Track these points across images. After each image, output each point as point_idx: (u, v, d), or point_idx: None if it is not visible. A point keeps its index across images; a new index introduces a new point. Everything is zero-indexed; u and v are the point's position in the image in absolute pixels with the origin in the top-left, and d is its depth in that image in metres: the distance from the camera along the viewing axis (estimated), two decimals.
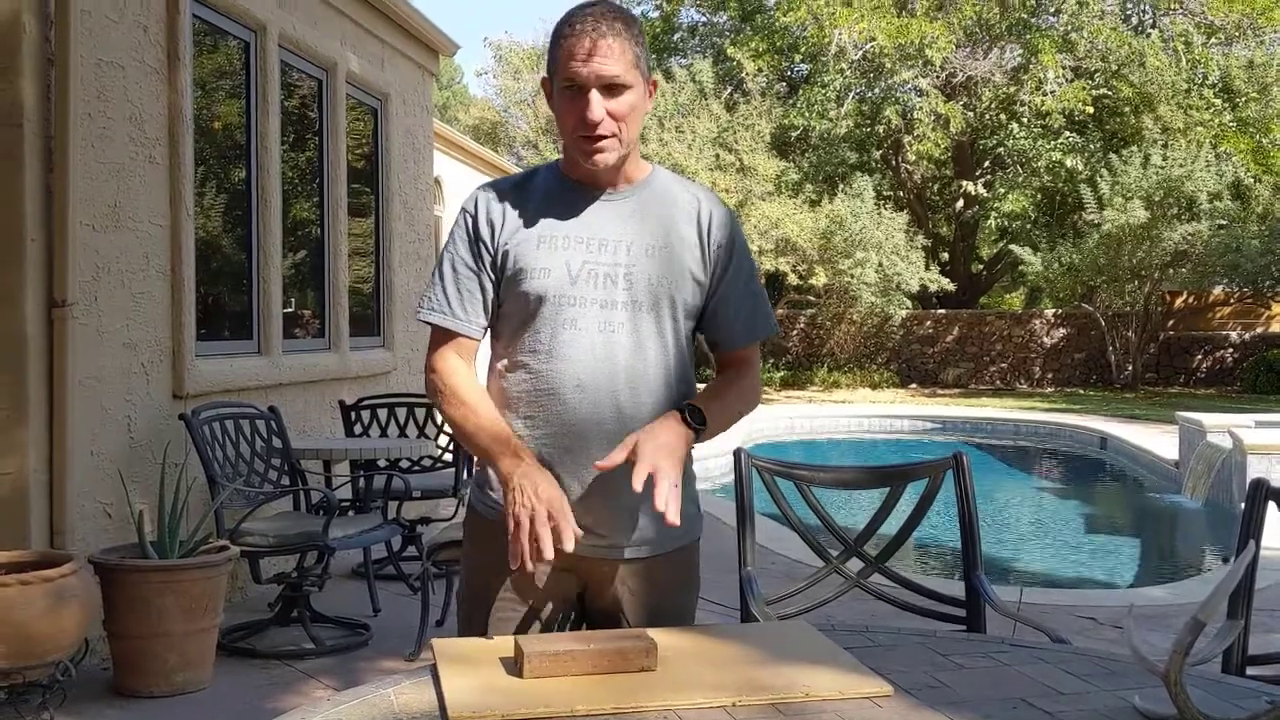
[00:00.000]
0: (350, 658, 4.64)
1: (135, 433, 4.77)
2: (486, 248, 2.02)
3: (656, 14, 27.05)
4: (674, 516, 1.79)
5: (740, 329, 2.10)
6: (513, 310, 2.02)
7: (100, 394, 4.53)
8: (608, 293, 1.97)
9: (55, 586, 3.57)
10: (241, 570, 5.13)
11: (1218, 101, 21.20)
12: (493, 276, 2.03)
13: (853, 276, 19.26)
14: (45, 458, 4.21)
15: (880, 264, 19.38)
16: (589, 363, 1.95)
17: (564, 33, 1.92)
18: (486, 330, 2.09)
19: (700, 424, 1.94)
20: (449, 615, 5.03)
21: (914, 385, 22.32)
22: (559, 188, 2.05)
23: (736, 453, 2.90)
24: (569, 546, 1.82)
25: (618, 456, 1.84)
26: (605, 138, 1.92)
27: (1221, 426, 9.35)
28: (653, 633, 1.76)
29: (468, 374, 2.06)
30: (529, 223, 2.01)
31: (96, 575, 3.97)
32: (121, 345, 4.68)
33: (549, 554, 1.81)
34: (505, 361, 2.04)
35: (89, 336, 4.44)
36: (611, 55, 1.89)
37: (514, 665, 1.66)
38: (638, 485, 1.79)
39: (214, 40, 5.68)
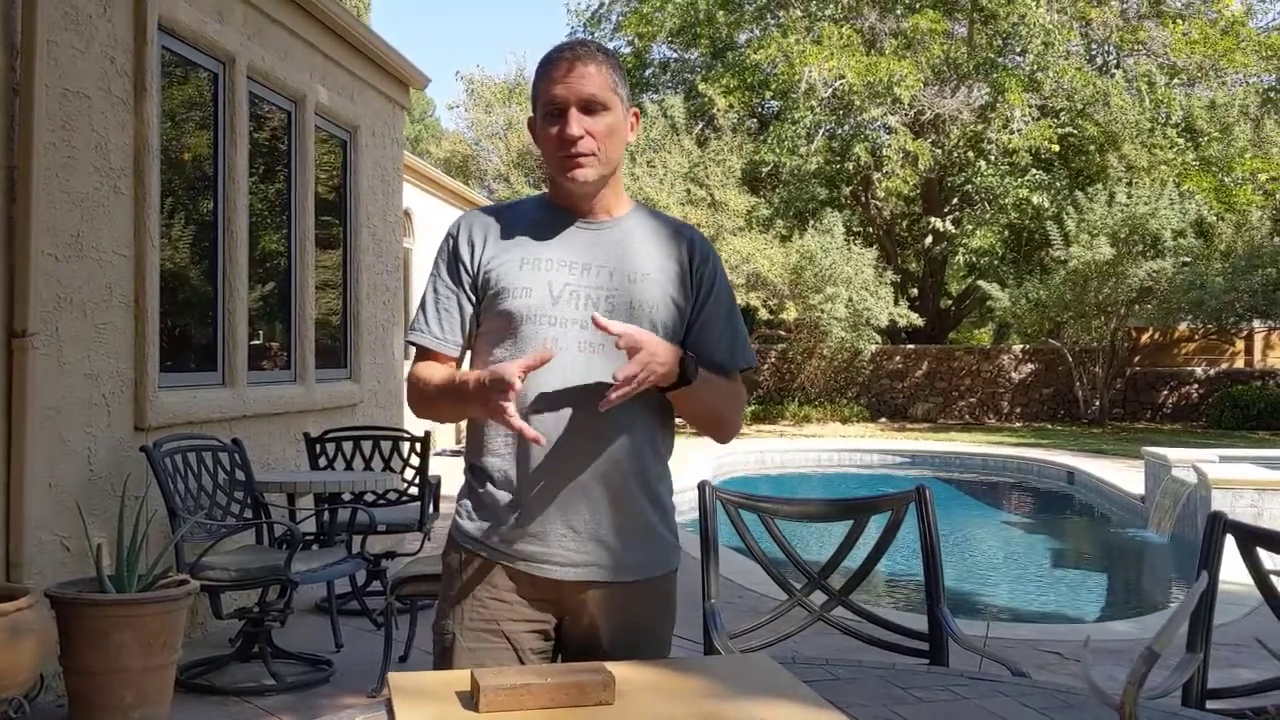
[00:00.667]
0: (311, 694, 4.57)
1: (95, 465, 4.71)
2: (466, 268, 2.06)
3: (629, 50, 27.26)
4: (614, 397, 1.85)
5: (722, 353, 2.10)
6: (494, 329, 2.04)
7: (60, 425, 4.48)
8: (588, 314, 1.98)
9: (10, 621, 3.51)
10: (202, 605, 5.06)
11: (1181, 141, 21.53)
12: (472, 297, 2.07)
13: (823, 311, 19.36)
14: (2, 489, 4.14)
15: (850, 299, 19.49)
16: (569, 381, 1.96)
17: (543, 65, 2.03)
18: (464, 350, 2.11)
19: (693, 373, 1.97)
20: (413, 651, 4.98)
21: (884, 419, 22.40)
22: (543, 214, 2.09)
23: (701, 485, 2.90)
24: (546, 355, 1.86)
25: (615, 327, 1.87)
26: (585, 155, 1.98)
27: (1186, 461, 9.42)
28: (612, 666, 1.74)
29: (433, 365, 2.09)
30: (511, 245, 2.05)
31: (53, 609, 3.90)
32: (83, 376, 4.63)
33: (517, 384, 1.83)
34: None
35: (50, 367, 4.39)
36: (588, 77, 1.98)
37: (470, 699, 1.64)
38: (619, 339, 1.85)
39: (182, 71, 5.67)
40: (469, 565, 2.05)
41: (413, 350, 2.14)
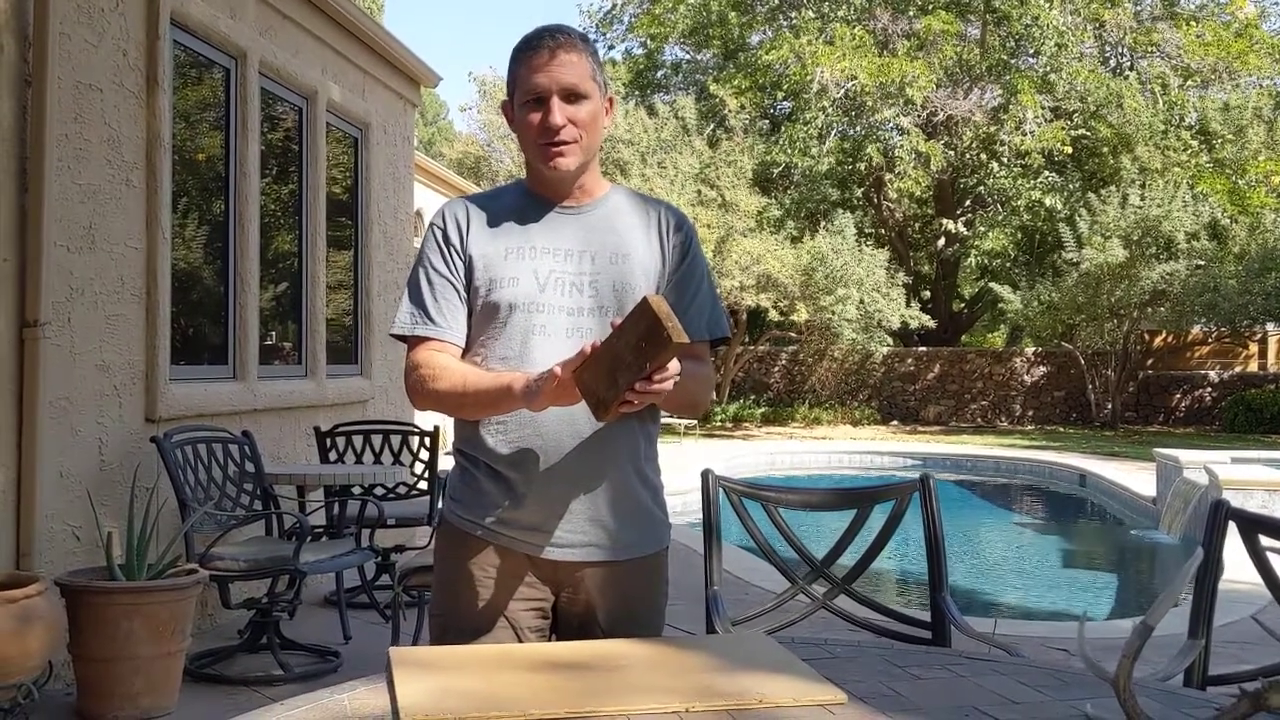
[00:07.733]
0: (319, 685, 4.55)
1: (106, 455, 4.74)
2: (457, 252, 2.06)
3: (641, 50, 27.28)
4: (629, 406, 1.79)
5: (693, 318, 2.07)
6: (482, 319, 2.05)
7: (71, 415, 4.51)
8: (574, 300, 2.01)
9: (20, 608, 3.54)
10: (211, 595, 5.08)
11: (1194, 143, 21.48)
12: (464, 281, 2.06)
13: (834, 313, 19.33)
14: (13, 479, 4.17)
15: (861, 301, 19.46)
16: None
17: (523, 51, 2.03)
18: (464, 338, 2.07)
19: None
20: (420, 643, 4.99)
21: (895, 422, 22.37)
22: (523, 202, 2.10)
23: (705, 473, 2.91)
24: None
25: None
26: (567, 143, 1.99)
27: (1198, 463, 9.41)
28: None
29: (442, 354, 2.04)
30: (495, 233, 2.06)
31: (62, 597, 3.93)
32: (94, 367, 4.66)
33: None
34: None
35: (61, 357, 4.42)
36: (569, 65, 1.98)
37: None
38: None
39: (194, 67, 5.70)
40: (464, 546, 2.06)
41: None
